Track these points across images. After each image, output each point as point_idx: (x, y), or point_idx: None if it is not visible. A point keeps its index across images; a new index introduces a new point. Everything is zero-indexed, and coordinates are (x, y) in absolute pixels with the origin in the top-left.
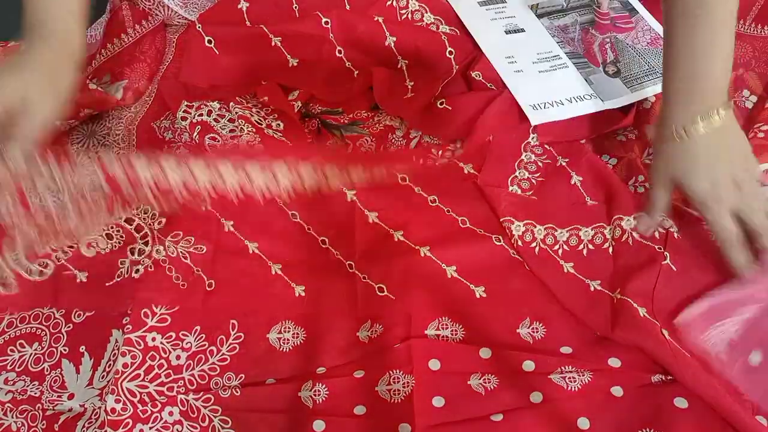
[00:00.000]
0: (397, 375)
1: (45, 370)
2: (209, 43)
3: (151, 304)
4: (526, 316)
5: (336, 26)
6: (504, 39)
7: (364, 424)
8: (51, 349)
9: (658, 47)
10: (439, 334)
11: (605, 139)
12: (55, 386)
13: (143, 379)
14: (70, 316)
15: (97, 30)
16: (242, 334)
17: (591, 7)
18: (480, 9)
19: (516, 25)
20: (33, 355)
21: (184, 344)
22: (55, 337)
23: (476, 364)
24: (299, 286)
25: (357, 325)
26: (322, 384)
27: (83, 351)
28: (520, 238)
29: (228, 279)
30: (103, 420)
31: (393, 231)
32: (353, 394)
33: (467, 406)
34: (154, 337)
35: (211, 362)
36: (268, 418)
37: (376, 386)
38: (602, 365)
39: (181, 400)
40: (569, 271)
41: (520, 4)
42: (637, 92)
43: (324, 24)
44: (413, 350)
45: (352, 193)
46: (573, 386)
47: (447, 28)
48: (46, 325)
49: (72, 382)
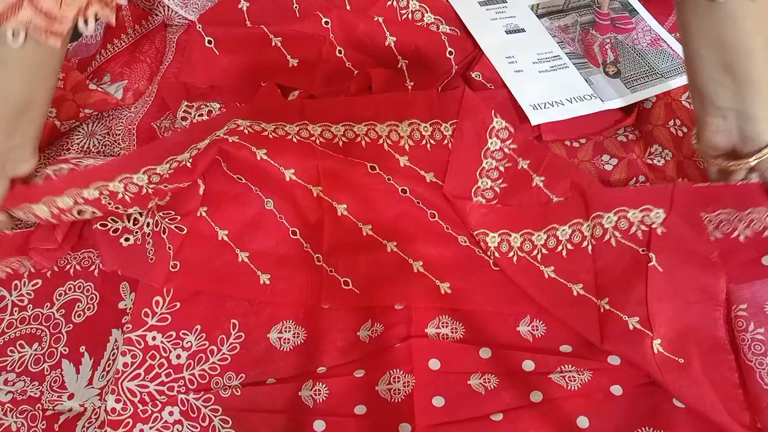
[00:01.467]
0: (398, 374)
1: (45, 370)
2: (209, 43)
3: (151, 300)
4: (527, 314)
5: (336, 26)
6: (504, 39)
7: (364, 423)
8: (51, 350)
9: (659, 48)
10: (440, 332)
11: (605, 138)
12: (55, 386)
13: (143, 378)
14: (70, 316)
15: (97, 30)
16: (243, 334)
17: (591, 8)
18: (480, 9)
19: (516, 25)
20: (33, 355)
21: (184, 343)
22: (55, 338)
23: (476, 364)
24: (264, 275)
25: (357, 324)
26: (323, 383)
27: (83, 351)
28: (497, 250)
29: (194, 262)
30: (103, 420)
31: (362, 225)
32: (354, 394)
33: (467, 406)
34: (154, 336)
35: (211, 362)
36: (268, 417)
37: (377, 386)
38: (602, 364)
39: (181, 399)
40: (550, 276)
41: (521, 4)
42: (638, 93)
43: (324, 24)
44: (413, 350)
45: (318, 189)
46: (573, 385)
47: (447, 28)
48: (46, 326)
49: (72, 382)
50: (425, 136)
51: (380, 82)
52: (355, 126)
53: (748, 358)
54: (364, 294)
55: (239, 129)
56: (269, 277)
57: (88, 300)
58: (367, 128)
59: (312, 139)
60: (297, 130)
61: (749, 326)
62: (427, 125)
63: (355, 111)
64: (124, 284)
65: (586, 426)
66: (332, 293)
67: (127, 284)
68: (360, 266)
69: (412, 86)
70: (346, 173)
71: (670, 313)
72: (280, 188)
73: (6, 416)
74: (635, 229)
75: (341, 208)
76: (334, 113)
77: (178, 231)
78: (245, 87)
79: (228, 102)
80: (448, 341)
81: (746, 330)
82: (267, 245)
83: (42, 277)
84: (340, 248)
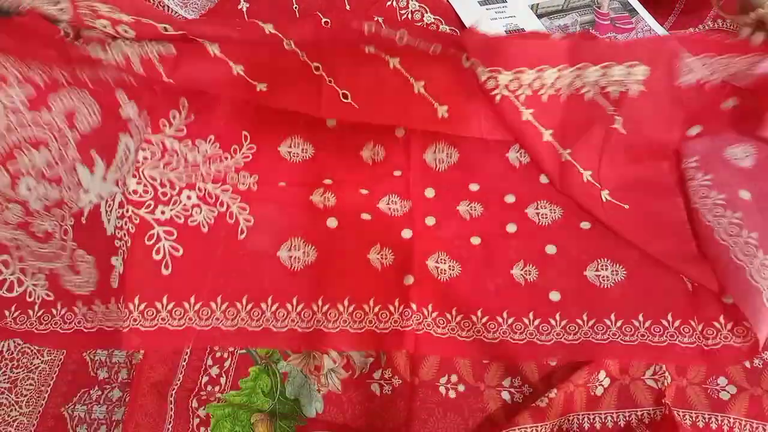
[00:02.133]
0: (395, 198)
1: (61, 174)
2: None
3: (168, 113)
4: (516, 142)
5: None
6: None
7: (371, 226)
8: (61, 154)
9: None
10: (436, 158)
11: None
12: (73, 186)
13: (162, 169)
14: (73, 122)
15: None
16: (254, 145)
17: (591, 8)
18: (480, 9)
19: (516, 25)
20: (44, 159)
21: (200, 149)
22: (63, 143)
23: (466, 194)
24: (261, 84)
25: (360, 143)
26: (331, 193)
27: (94, 155)
28: (484, 83)
29: (188, 79)
30: (121, 201)
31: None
32: (359, 205)
33: (453, 227)
34: (171, 142)
35: (226, 164)
36: (285, 209)
37: (377, 204)
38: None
39: (199, 186)
40: (528, 118)
41: (521, 4)
42: None
43: (324, 24)
44: (411, 179)
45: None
46: (545, 221)
47: (447, 28)
48: (49, 131)
49: (87, 180)
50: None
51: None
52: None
53: (694, 201)
54: (363, 109)
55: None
56: (266, 85)
57: (88, 107)
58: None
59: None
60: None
61: (697, 175)
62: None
63: None
64: (120, 91)
65: (553, 252)
66: (331, 104)
67: (122, 91)
68: (360, 79)
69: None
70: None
71: (621, 167)
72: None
73: (43, 221)
74: (611, 89)
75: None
76: None
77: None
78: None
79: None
80: (443, 173)
81: (694, 179)
82: (261, 58)
83: (33, 83)
84: (340, 59)
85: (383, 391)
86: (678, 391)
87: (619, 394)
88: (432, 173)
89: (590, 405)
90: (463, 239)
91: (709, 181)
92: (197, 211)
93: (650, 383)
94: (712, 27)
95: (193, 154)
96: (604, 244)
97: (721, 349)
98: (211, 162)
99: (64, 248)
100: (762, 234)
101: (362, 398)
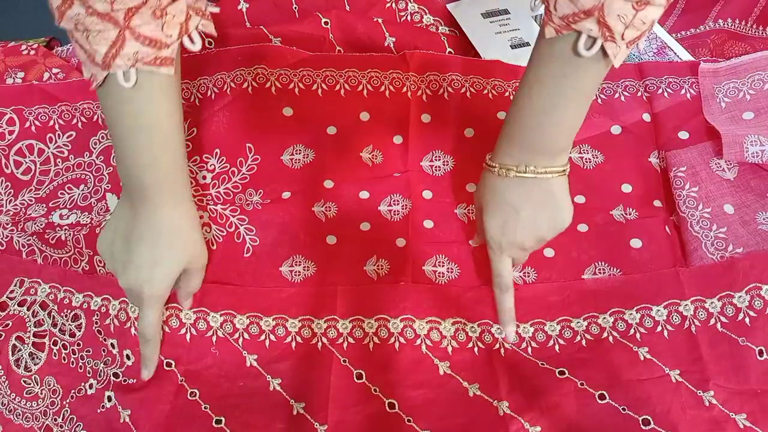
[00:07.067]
0: (398, 198)
1: (92, 203)
2: (209, 44)
3: None
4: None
5: (335, 27)
6: (510, 55)
7: (369, 236)
8: (96, 188)
9: (665, 56)
10: (433, 165)
11: None
12: (101, 212)
13: None
14: (109, 160)
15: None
16: (259, 156)
17: None
18: (484, 21)
19: (521, 39)
20: (81, 194)
21: (208, 166)
22: (99, 179)
23: (463, 196)
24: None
25: (359, 148)
26: (332, 202)
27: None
28: (401, 335)
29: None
30: None
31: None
32: (360, 213)
33: (451, 230)
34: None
35: (233, 181)
36: (289, 228)
37: (378, 206)
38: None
39: (210, 208)
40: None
41: (524, 15)
42: None
43: (323, 24)
44: (411, 179)
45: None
46: None
47: (446, 29)
48: (89, 171)
49: (113, 206)
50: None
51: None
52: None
53: (682, 210)
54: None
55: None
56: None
57: None
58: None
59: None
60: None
61: (686, 185)
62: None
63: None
64: None
65: (551, 255)
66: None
67: None
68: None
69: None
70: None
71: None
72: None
73: (67, 241)
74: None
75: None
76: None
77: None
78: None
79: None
80: (440, 177)
81: (683, 188)
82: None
83: (74, 128)
84: None
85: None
86: None
87: None
88: (429, 178)
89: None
90: (461, 242)
91: (695, 194)
92: (206, 230)
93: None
94: (713, 27)
95: (203, 173)
96: (603, 246)
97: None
98: (220, 183)
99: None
100: (746, 250)
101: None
